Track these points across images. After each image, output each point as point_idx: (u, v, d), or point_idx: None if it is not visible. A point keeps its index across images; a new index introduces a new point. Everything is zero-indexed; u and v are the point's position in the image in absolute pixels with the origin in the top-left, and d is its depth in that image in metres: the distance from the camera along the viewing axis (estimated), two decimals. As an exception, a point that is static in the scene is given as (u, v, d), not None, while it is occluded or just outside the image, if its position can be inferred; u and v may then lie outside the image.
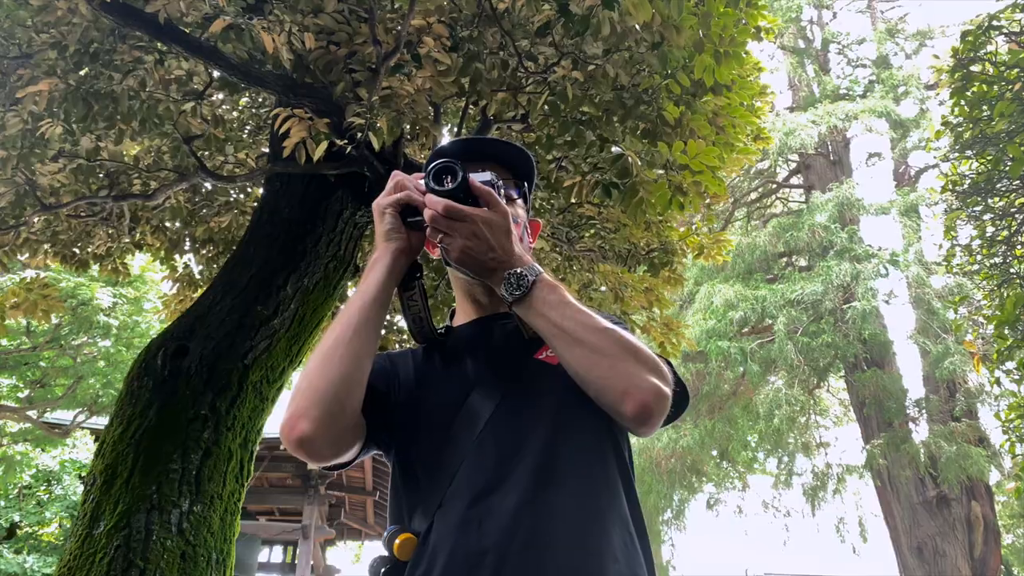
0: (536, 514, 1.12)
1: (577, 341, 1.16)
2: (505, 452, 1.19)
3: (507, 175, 1.45)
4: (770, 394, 10.85)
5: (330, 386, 1.15)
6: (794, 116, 13.16)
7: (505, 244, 1.18)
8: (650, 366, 1.16)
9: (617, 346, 1.16)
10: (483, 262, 1.18)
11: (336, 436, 1.18)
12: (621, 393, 1.14)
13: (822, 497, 14.21)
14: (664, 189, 3.99)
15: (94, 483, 3.10)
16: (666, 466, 12.10)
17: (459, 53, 4.11)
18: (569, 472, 1.18)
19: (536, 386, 1.27)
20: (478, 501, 1.14)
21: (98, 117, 4.02)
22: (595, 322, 1.18)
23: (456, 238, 1.17)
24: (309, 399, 1.15)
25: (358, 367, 1.19)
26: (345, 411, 1.17)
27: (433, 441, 1.25)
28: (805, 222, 11.61)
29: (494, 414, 1.23)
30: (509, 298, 1.18)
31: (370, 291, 1.23)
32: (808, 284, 10.78)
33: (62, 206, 4.54)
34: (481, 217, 1.16)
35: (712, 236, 6.34)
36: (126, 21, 3.76)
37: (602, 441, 1.24)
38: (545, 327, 1.18)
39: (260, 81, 4.21)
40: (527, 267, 1.19)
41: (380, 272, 1.24)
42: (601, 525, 1.15)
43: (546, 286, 1.19)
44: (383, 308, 1.24)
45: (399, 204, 1.25)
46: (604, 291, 5.76)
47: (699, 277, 12.38)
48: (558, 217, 5.96)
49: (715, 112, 4.60)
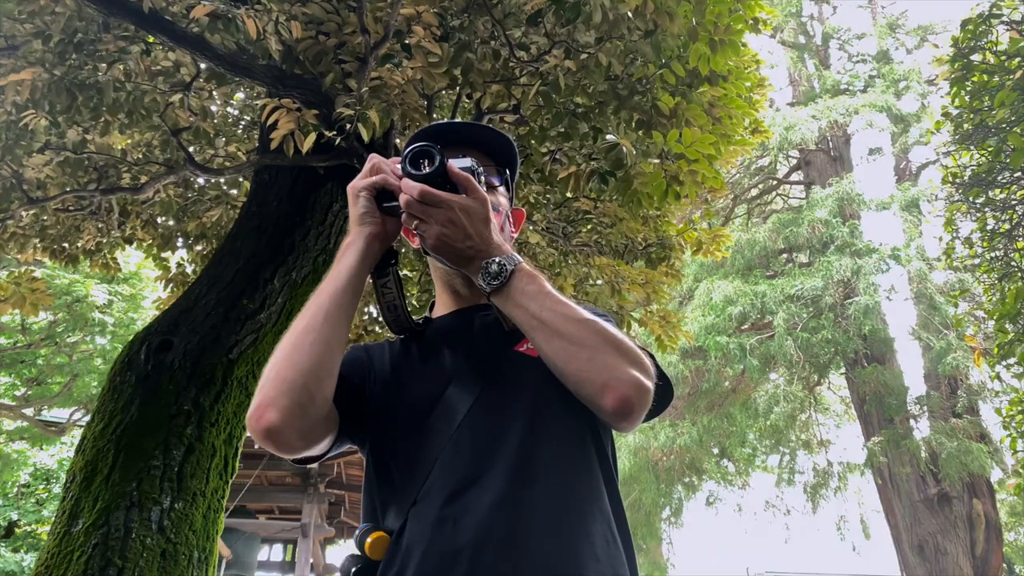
0: (513, 512, 1.08)
1: (556, 333, 1.11)
2: (482, 448, 1.15)
3: (489, 162, 1.41)
4: (769, 391, 10.77)
5: (299, 375, 1.11)
6: (794, 111, 13.08)
7: (483, 232, 1.14)
8: (631, 358, 1.12)
9: (597, 337, 1.12)
10: (460, 250, 1.14)
11: (306, 427, 1.13)
12: (601, 386, 1.09)
13: (823, 495, 14.15)
14: (660, 179, 3.92)
15: (73, 480, 3.04)
16: (664, 464, 12.04)
17: (450, 43, 4.05)
18: (548, 468, 1.13)
19: (516, 379, 1.23)
20: (454, 498, 1.10)
21: (83, 108, 3.96)
22: (575, 313, 1.14)
23: (432, 224, 1.13)
24: (277, 388, 1.10)
25: (329, 355, 1.14)
26: (315, 401, 1.12)
27: (408, 436, 1.21)
28: (805, 218, 11.53)
29: (472, 408, 1.19)
30: (486, 288, 1.15)
31: (341, 277, 1.19)
32: (808, 280, 10.70)
33: (49, 199, 4.48)
34: (458, 203, 1.13)
35: (710, 232, 6.28)
36: (110, 10, 3.69)
37: (583, 436, 1.20)
38: (523, 318, 1.14)
39: (247, 72, 4.14)
40: (506, 256, 1.16)
41: (352, 257, 1.20)
42: (581, 523, 1.11)
43: (525, 276, 1.15)
44: (355, 295, 1.20)
45: (374, 188, 1.21)
46: (600, 285, 5.69)
47: (699, 273, 12.31)
48: (555, 212, 5.90)
49: (711, 103, 4.54)
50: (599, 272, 5.51)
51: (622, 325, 5.87)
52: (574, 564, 1.06)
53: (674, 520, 15.06)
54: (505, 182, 1.46)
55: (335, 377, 1.16)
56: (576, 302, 1.20)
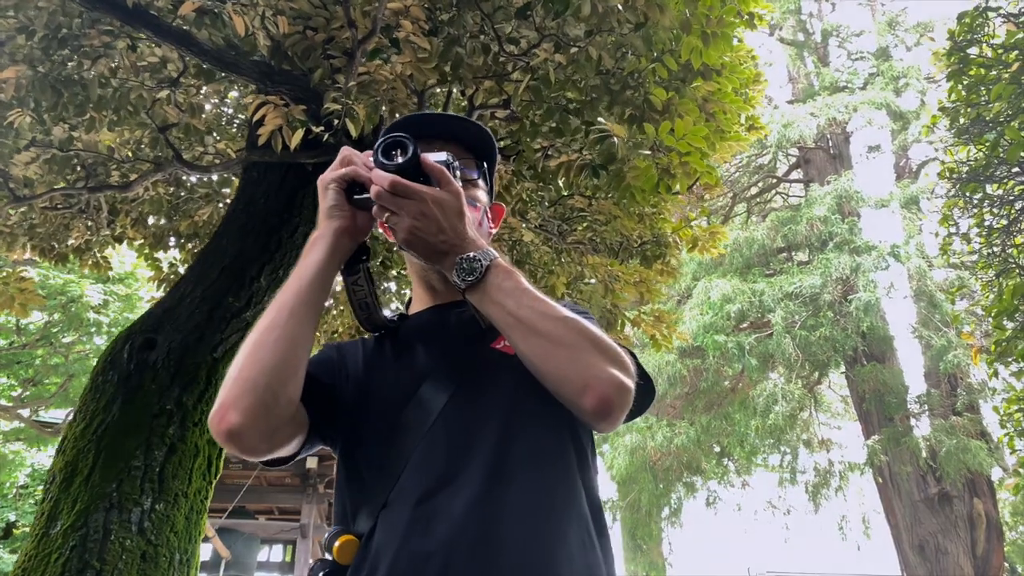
0: (486, 514, 1.04)
1: (533, 331, 1.08)
2: (456, 448, 1.12)
3: (466, 155, 1.38)
4: (766, 389, 10.70)
5: (262, 374, 1.06)
6: (793, 108, 13.01)
7: (457, 226, 1.10)
8: (611, 356, 1.09)
9: (576, 336, 1.08)
10: (433, 244, 1.10)
11: (270, 428, 1.08)
12: (581, 386, 1.06)
13: (825, 495, 14.09)
14: (651, 172, 3.86)
15: (53, 481, 3.00)
16: (662, 464, 11.97)
17: (439, 37, 4.00)
18: (523, 469, 1.10)
19: (492, 378, 1.20)
20: (425, 500, 1.07)
21: (68, 105, 3.91)
22: (553, 310, 1.10)
23: (403, 217, 1.08)
24: (240, 388, 1.06)
25: (293, 353, 1.09)
26: (279, 401, 1.07)
27: (379, 436, 1.18)
28: (804, 215, 11.45)
29: (445, 408, 1.16)
30: (461, 284, 1.10)
31: (308, 272, 1.14)
32: (806, 277, 10.62)
33: (35, 197, 4.43)
34: (431, 196, 1.08)
35: (706, 228, 6.23)
36: (93, 5, 3.65)
37: (561, 435, 1.17)
38: (499, 316, 1.09)
39: (235, 68, 4.10)
40: (481, 251, 1.11)
41: (319, 252, 1.15)
42: (556, 524, 1.07)
43: (501, 272, 1.10)
44: (323, 291, 1.16)
45: (344, 180, 1.17)
46: (594, 283, 5.64)
47: (697, 272, 12.25)
48: (549, 210, 5.85)
49: (705, 98, 4.49)
50: (592, 271, 5.47)
51: (615, 324, 5.82)
52: (548, 567, 1.03)
53: (674, 520, 15.02)
54: (484, 176, 1.42)
55: (301, 377, 1.11)
56: (555, 299, 1.15)
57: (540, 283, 5.68)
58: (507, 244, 5.45)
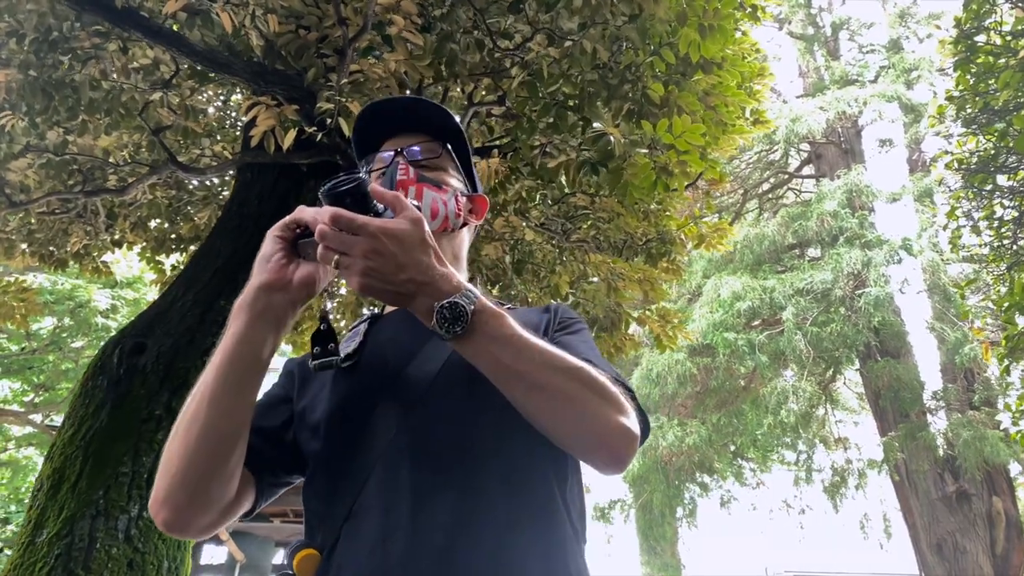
0: (449, 530, 0.98)
1: (536, 386, 0.98)
2: (419, 460, 1.05)
3: (427, 138, 1.32)
4: (777, 387, 10.55)
5: (189, 468, 0.99)
6: (801, 103, 12.85)
7: (420, 260, 0.94)
8: (617, 406, 1.01)
9: (582, 388, 0.99)
10: (394, 286, 0.93)
11: (210, 512, 1.04)
12: (592, 444, 1.01)
13: (843, 493, 13.92)
14: (648, 169, 3.79)
15: (40, 488, 2.96)
16: (674, 465, 11.84)
17: (432, 33, 3.94)
18: (491, 482, 1.04)
19: (460, 385, 1.11)
20: (386, 515, 1.01)
21: (60, 108, 3.88)
22: (555, 361, 0.99)
23: (355, 258, 0.91)
24: (169, 483, 1.00)
25: (220, 444, 1.01)
26: (214, 490, 1.02)
27: (342, 446, 1.11)
28: (814, 211, 11.29)
29: (410, 418, 1.09)
30: (446, 336, 0.95)
31: (228, 351, 1.00)
32: (817, 273, 10.46)
33: (31, 202, 4.41)
34: (382, 228, 0.91)
35: (712, 225, 6.14)
36: (82, 6, 3.61)
37: (532, 445, 1.08)
38: (494, 369, 0.98)
39: (227, 68, 4.05)
40: (460, 293, 0.95)
41: (239, 323, 1.00)
42: (524, 540, 1.01)
43: (490, 317, 0.97)
44: (251, 367, 1.01)
45: (289, 225, 1.02)
46: (596, 282, 5.56)
47: (707, 269, 12.12)
48: (552, 208, 5.78)
49: (706, 91, 4.41)
50: (595, 269, 5.39)
51: (619, 324, 5.74)
52: None
53: (688, 520, 14.89)
54: (451, 157, 1.35)
55: (238, 458, 1.04)
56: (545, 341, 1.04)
57: (543, 282, 5.61)
58: (508, 243, 5.39)
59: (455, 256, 1.33)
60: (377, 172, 1.32)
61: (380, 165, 1.32)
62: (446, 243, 1.31)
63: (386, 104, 1.35)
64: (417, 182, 1.26)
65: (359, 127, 1.35)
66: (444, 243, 1.30)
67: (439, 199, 1.27)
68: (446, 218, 1.27)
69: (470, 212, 1.38)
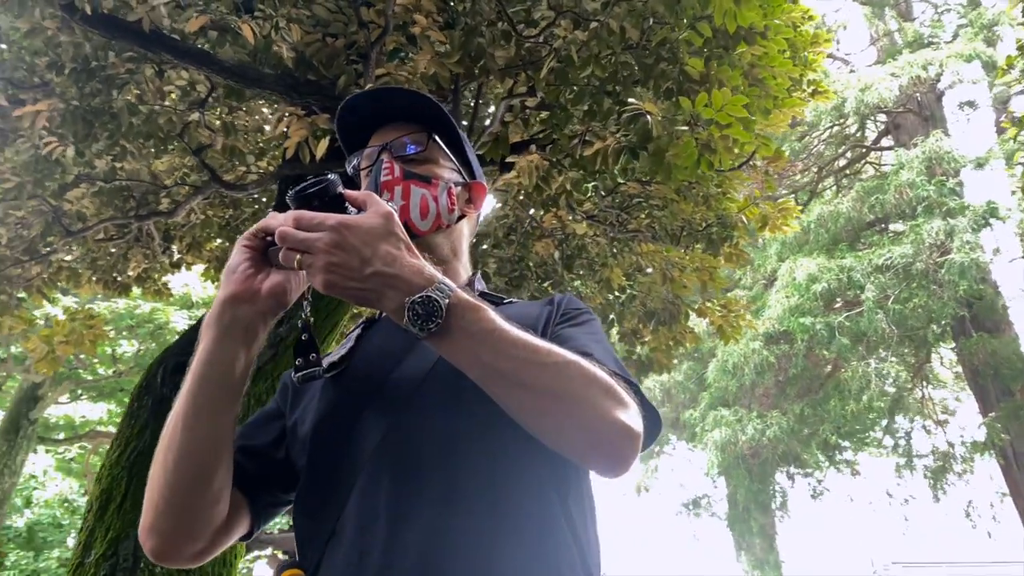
0: (424, 546, 0.93)
1: (518, 384, 0.89)
2: (401, 471, 0.99)
3: (415, 129, 1.24)
4: (859, 371, 9.99)
5: (171, 495, 0.96)
6: (871, 70, 12.20)
7: (387, 253, 0.87)
8: (615, 400, 0.92)
9: (570, 383, 0.90)
10: (360, 282, 0.86)
11: (199, 539, 1.01)
12: (584, 444, 0.92)
13: (947, 479, 13.16)
14: (691, 148, 3.59)
15: (90, 510, 3.01)
16: (757, 458, 11.39)
17: (457, 29, 3.86)
18: (475, 491, 0.97)
19: (448, 389, 1.04)
20: (363, 532, 0.96)
21: (100, 135, 3.97)
22: (539, 355, 0.90)
23: (317, 255, 0.85)
24: (154, 511, 0.98)
25: (200, 467, 0.97)
26: (200, 517, 1.00)
27: (327, 460, 1.07)
28: (891, 183, 10.67)
29: (396, 425, 1.03)
30: (420, 333, 0.87)
31: (196, 371, 0.95)
32: (897, 247, 9.85)
33: (86, 230, 4.54)
34: (343, 222, 0.85)
35: (775, 205, 5.84)
36: (112, 33, 3.68)
37: (524, 451, 1.00)
38: (474, 368, 0.90)
39: (258, 82, 4.07)
40: (433, 286, 0.87)
41: (208, 340, 0.95)
42: (507, 553, 0.94)
43: (467, 311, 0.88)
44: (224, 385, 0.96)
45: (255, 234, 0.96)
46: (651, 273, 5.36)
47: (781, 253, 11.63)
48: (605, 200, 5.61)
49: (751, 64, 4.18)
50: (648, 260, 5.19)
51: (678, 316, 5.52)
52: None
53: (781, 514, 14.35)
54: (440, 147, 1.27)
55: (221, 480, 1.00)
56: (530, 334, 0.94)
57: (595, 277, 5.45)
58: (557, 239, 5.25)
59: (454, 251, 1.27)
60: (365, 170, 1.26)
61: (368, 163, 1.26)
62: (443, 239, 1.24)
63: (367, 97, 1.28)
64: (404, 179, 1.20)
65: (341, 124, 1.29)
66: (440, 240, 1.24)
67: (428, 195, 1.20)
68: (438, 215, 1.21)
69: (467, 202, 1.31)
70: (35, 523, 13.56)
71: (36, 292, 4.79)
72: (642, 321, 5.68)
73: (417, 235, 1.17)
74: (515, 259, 5.28)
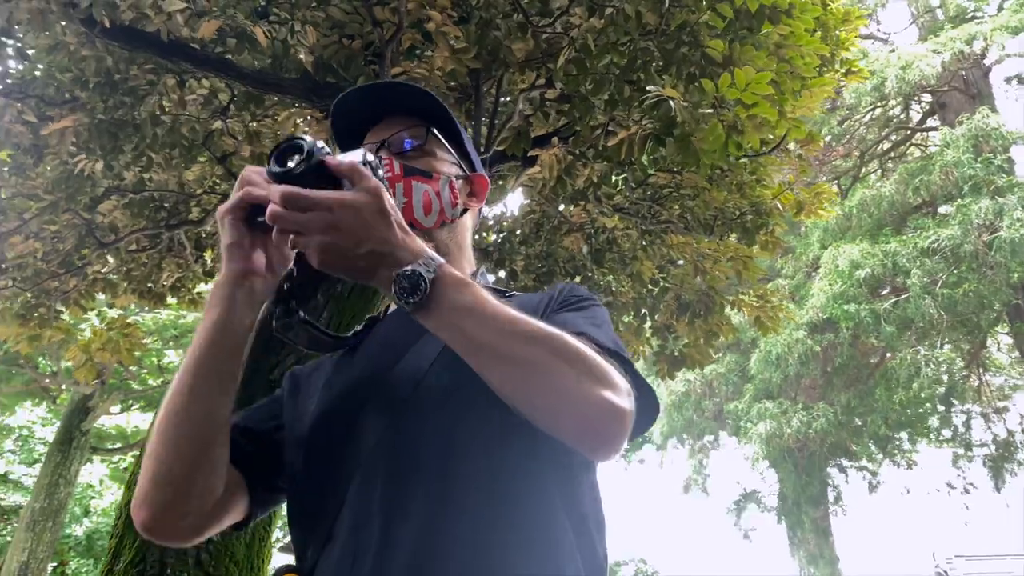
0: (419, 546, 0.90)
1: (499, 356, 0.89)
2: (394, 470, 0.97)
3: (413, 122, 1.21)
4: (907, 359, 9.64)
5: (168, 466, 0.96)
6: (911, 48, 11.80)
7: (381, 231, 0.87)
8: (597, 375, 0.89)
9: (551, 356, 0.89)
10: (355, 261, 0.87)
11: (192, 516, 0.99)
12: (563, 418, 0.89)
13: (1008, 469, 12.68)
14: (717, 131, 3.48)
15: (120, 516, 3.03)
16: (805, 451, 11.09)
17: (471, 23, 3.81)
18: (472, 490, 0.94)
19: (447, 387, 1.02)
20: (357, 532, 0.94)
21: (125, 147, 4.02)
22: (520, 327, 0.89)
23: (311, 235, 0.85)
24: (147, 482, 0.96)
25: (200, 438, 0.96)
26: (193, 490, 0.98)
27: (324, 461, 1.05)
28: (936, 163, 10.30)
29: (392, 424, 1.01)
30: (406, 307, 0.88)
31: (203, 339, 0.95)
32: (943, 229, 9.49)
33: (118, 241, 4.61)
34: (336, 200, 0.85)
35: (811, 190, 5.68)
36: (132, 45, 3.72)
37: (527, 446, 0.97)
38: (458, 341, 0.90)
39: (278, 88, 4.08)
40: (421, 259, 0.88)
41: (216, 311, 0.95)
42: (501, 554, 0.91)
43: (452, 285, 0.89)
44: (228, 355, 0.97)
45: (240, 206, 0.94)
46: (683, 265, 5.25)
47: (824, 239, 11.32)
48: (636, 191, 5.51)
49: (778, 44, 4.06)
50: (678, 252, 5.07)
51: (713, 308, 5.39)
52: None
53: (835, 508, 13.98)
54: (439, 140, 1.24)
55: (220, 454, 0.99)
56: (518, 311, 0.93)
57: (626, 270, 5.35)
58: (586, 233, 5.17)
59: (459, 246, 1.24)
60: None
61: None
62: (447, 235, 1.22)
63: (361, 93, 1.25)
64: (404, 176, 1.17)
65: (336, 121, 1.26)
66: (445, 235, 1.21)
67: (431, 191, 1.18)
68: (442, 211, 1.19)
69: (469, 195, 1.28)
70: (94, 531, 13.91)
71: (73, 304, 4.89)
72: (676, 314, 5.57)
73: (421, 231, 1.14)
74: (543, 255, 5.21)
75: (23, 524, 10.31)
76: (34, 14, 3.48)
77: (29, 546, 10.09)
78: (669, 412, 12.89)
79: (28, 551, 10.07)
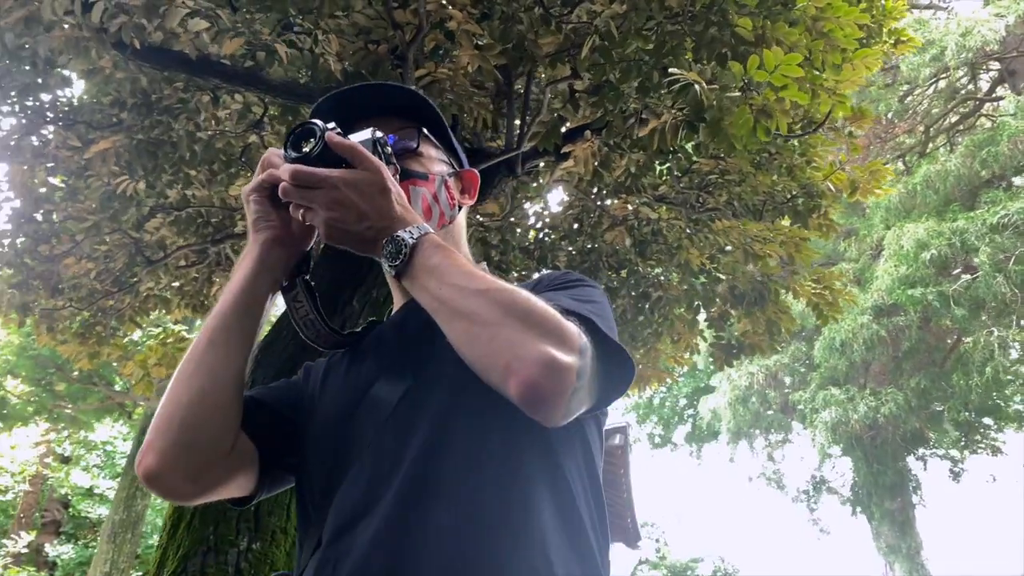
0: (396, 545, 0.91)
1: (455, 312, 0.92)
2: (379, 471, 0.98)
3: (404, 124, 1.23)
4: (981, 340, 9.12)
5: (177, 410, 0.99)
6: (972, 14, 11.23)
7: (382, 207, 0.96)
8: (545, 330, 0.88)
9: (499, 310, 0.89)
10: (358, 234, 0.97)
11: (194, 469, 1.00)
12: (502, 369, 0.87)
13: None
14: (745, 115, 3.36)
15: (165, 528, 3.09)
16: (876, 439, 10.64)
17: (494, 19, 3.76)
18: (454, 483, 0.95)
19: (439, 380, 1.03)
20: (339, 536, 0.96)
21: (164, 165, 4.11)
22: (475, 283, 0.92)
23: (318, 210, 0.96)
24: (157, 427, 0.99)
25: (212, 385, 1.00)
26: (200, 440, 0.99)
27: (322, 462, 1.07)
28: (1003, 133, 9.76)
29: (387, 422, 1.02)
30: (391, 271, 0.96)
31: (232, 293, 1.04)
32: (1013, 203, 8.97)
33: (165, 258, 4.73)
34: (340, 178, 0.94)
35: (864, 168, 5.45)
36: (163, 64, 3.79)
37: (513, 434, 0.98)
38: (426, 300, 0.95)
39: (307, 98, 4.11)
40: (409, 228, 0.96)
41: (246, 269, 1.05)
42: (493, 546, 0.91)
43: (429, 248, 0.96)
44: (250, 314, 1.05)
45: (263, 186, 1.05)
46: (731, 251, 5.08)
47: (887, 220, 10.86)
48: (683, 180, 5.38)
49: (815, 17, 3.89)
50: (725, 238, 4.92)
51: (768, 296, 5.20)
52: None
53: (916, 498, 13.41)
54: (432, 141, 1.26)
55: (230, 408, 1.02)
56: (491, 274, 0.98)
57: (673, 261, 5.21)
58: (628, 226, 5.05)
59: (456, 244, 1.26)
60: None
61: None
62: (445, 236, 1.21)
63: (348, 94, 1.27)
64: (401, 180, 1.17)
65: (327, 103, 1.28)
66: (443, 237, 1.19)
67: (428, 194, 1.20)
68: (441, 214, 1.22)
69: (462, 193, 1.30)
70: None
71: (128, 321, 5.03)
72: (732, 304, 5.41)
73: None
74: (585, 251, 5.13)
75: (104, 536, 10.73)
76: (70, 41, 3.58)
77: (111, 557, 10.49)
78: (734, 406, 12.62)
79: (110, 562, 10.47)
